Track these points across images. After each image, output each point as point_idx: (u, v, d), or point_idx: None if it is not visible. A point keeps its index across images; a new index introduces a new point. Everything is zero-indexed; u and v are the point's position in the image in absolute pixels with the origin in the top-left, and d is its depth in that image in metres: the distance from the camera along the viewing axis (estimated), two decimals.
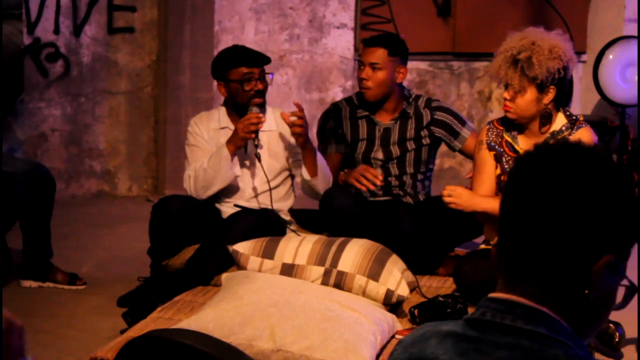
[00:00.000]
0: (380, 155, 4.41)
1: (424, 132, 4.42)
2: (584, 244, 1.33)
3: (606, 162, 1.36)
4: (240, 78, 4.15)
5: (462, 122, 4.47)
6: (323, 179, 4.18)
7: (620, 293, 1.41)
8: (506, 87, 3.75)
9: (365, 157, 4.41)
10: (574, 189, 1.33)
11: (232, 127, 4.22)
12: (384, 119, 4.42)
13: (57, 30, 6.59)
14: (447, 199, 3.70)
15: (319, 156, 4.19)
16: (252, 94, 4.15)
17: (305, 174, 4.16)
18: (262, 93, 4.17)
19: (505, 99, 3.77)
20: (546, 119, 3.80)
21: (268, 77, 4.23)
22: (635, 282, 1.42)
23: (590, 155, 1.36)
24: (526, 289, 1.35)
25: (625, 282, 1.39)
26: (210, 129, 4.26)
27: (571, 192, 1.33)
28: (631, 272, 1.44)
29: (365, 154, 4.41)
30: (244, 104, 4.17)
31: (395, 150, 4.42)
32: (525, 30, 3.79)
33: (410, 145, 4.41)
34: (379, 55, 4.29)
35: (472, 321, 1.37)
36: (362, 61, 4.35)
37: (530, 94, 3.72)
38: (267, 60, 4.24)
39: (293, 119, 4.07)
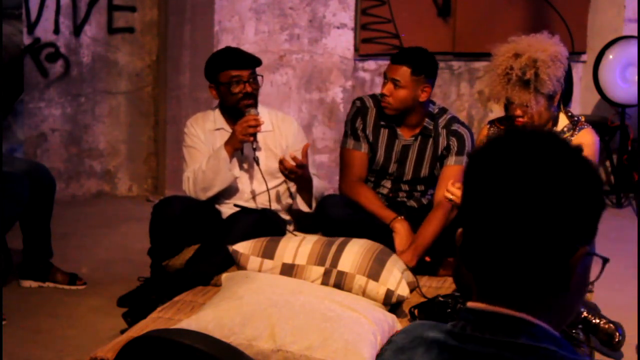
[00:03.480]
0: (394, 171, 4.36)
1: (438, 154, 4.33)
2: (557, 240, 1.29)
3: (565, 149, 1.31)
4: (228, 81, 4.15)
5: (462, 152, 4.27)
6: (318, 201, 4.23)
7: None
8: (510, 103, 3.73)
9: (382, 169, 4.36)
10: (539, 182, 1.28)
11: (228, 127, 4.24)
12: (405, 134, 4.32)
13: (57, 30, 6.59)
14: (448, 193, 3.69)
15: (315, 182, 4.19)
16: (240, 96, 4.16)
17: (303, 207, 4.20)
18: (251, 95, 4.17)
19: (519, 117, 3.74)
20: (554, 119, 3.83)
21: (259, 79, 4.23)
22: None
23: (548, 144, 1.31)
24: (503, 296, 1.33)
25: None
26: (206, 130, 4.27)
27: (535, 186, 1.28)
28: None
29: (383, 166, 4.36)
30: (232, 106, 4.19)
31: (409, 171, 4.33)
32: (510, 42, 3.75)
33: (425, 169, 4.32)
34: (401, 73, 4.17)
35: (454, 334, 1.35)
36: (385, 75, 4.26)
37: (543, 105, 3.72)
38: (257, 62, 4.24)
39: (283, 169, 4.03)
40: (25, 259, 4.71)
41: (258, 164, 4.14)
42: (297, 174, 4.06)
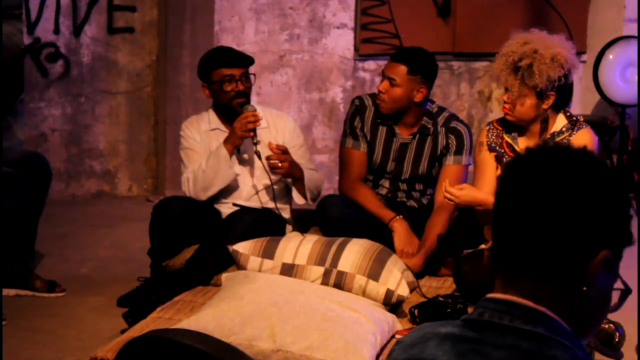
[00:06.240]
0: (392, 170, 4.35)
1: (437, 154, 4.31)
2: (579, 240, 1.34)
3: (595, 160, 1.39)
4: (220, 79, 4.17)
5: (461, 151, 4.27)
6: (314, 194, 4.24)
7: (615, 295, 1.42)
8: (506, 89, 3.76)
9: (380, 167, 4.36)
10: (566, 187, 1.34)
11: (223, 127, 4.26)
12: (403, 132, 4.30)
13: (57, 30, 6.59)
14: (447, 194, 3.70)
15: (307, 173, 4.20)
16: (232, 94, 4.17)
17: (299, 199, 4.21)
18: (243, 94, 4.18)
19: (505, 102, 3.78)
20: (545, 124, 3.82)
21: (251, 78, 4.24)
22: (634, 283, 1.43)
23: (580, 155, 1.39)
24: (524, 289, 1.36)
25: (619, 285, 1.41)
26: (201, 131, 4.28)
27: (563, 191, 1.34)
28: (629, 273, 1.44)
29: (380, 164, 4.36)
30: (225, 104, 4.20)
31: (407, 170, 4.32)
32: (529, 32, 3.77)
33: (423, 167, 4.31)
34: (398, 71, 4.17)
35: (470, 322, 1.37)
36: (383, 72, 4.26)
37: (530, 100, 3.72)
38: (249, 61, 4.25)
39: (273, 162, 4.07)
40: (5, 262, 4.38)
41: (260, 158, 4.13)
42: (285, 160, 4.07)
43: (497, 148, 3.90)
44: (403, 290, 3.57)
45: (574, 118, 3.87)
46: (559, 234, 1.33)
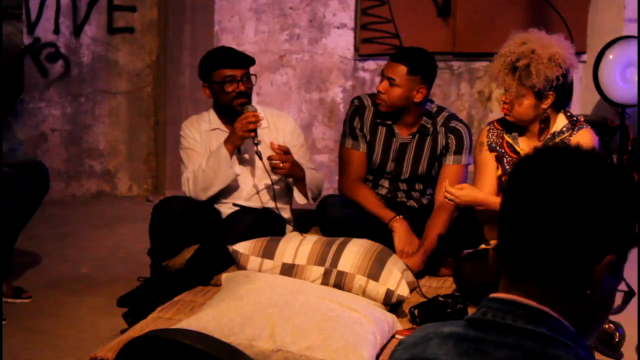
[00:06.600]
0: (392, 170, 4.36)
1: (437, 153, 4.31)
2: (586, 244, 1.34)
3: (604, 163, 1.38)
4: (222, 80, 4.17)
5: (461, 151, 4.26)
6: (315, 193, 4.25)
7: (619, 297, 1.42)
8: (505, 89, 3.76)
9: (379, 167, 4.35)
10: (574, 190, 1.34)
11: (223, 127, 4.26)
12: (403, 132, 4.30)
13: (57, 30, 6.59)
14: (447, 194, 3.70)
15: (308, 173, 4.20)
16: (233, 95, 4.17)
17: (300, 199, 4.21)
18: (244, 94, 4.18)
19: (504, 102, 3.78)
20: (545, 123, 3.81)
21: (252, 78, 4.24)
22: (634, 284, 1.43)
23: (589, 157, 1.38)
24: (528, 289, 1.36)
25: (623, 286, 1.41)
26: (201, 131, 4.28)
27: (572, 194, 1.34)
28: (631, 274, 1.44)
29: (380, 165, 4.35)
30: (226, 105, 4.20)
31: (406, 170, 4.32)
32: (527, 32, 3.78)
33: (423, 167, 4.30)
34: (398, 71, 4.18)
35: (473, 321, 1.37)
36: (383, 72, 4.27)
37: (529, 100, 3.73)
38: (251, 61, 4.25)
39: (275, 162, 4.07)
40: None
41: (261, 158, 4.13)
42: (287, 161, 4.07)
43: (498, 148, 3.90)
44: (403, 290, 3.57)
45: (575, 118, 3.87)
46: (566, 237, 1.33)
